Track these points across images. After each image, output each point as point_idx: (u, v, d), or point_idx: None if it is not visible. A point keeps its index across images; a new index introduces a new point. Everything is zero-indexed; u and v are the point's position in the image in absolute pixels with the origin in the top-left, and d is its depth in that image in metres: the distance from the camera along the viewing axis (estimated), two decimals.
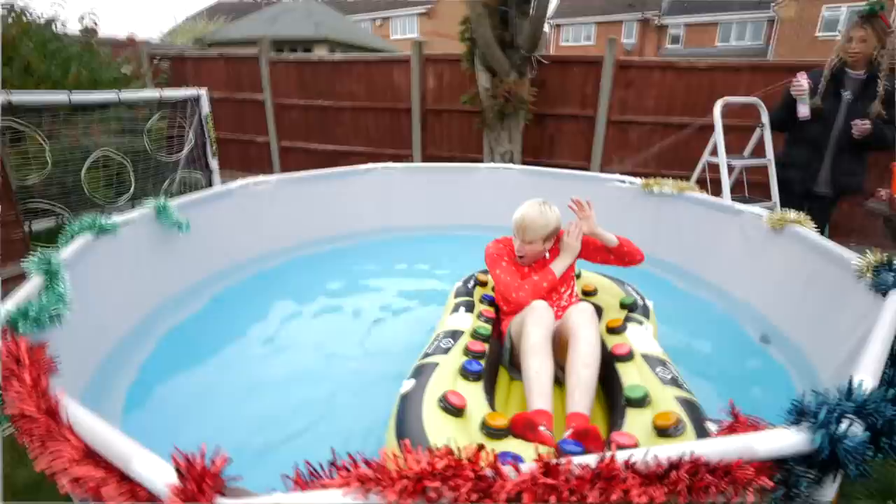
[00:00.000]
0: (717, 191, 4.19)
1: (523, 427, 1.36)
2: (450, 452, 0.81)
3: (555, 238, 2.10)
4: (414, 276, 3.49)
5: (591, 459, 0.81)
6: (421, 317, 2.82)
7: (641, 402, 1.47)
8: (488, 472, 0.79)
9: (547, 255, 2.13)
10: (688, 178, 4.30)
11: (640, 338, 1.87)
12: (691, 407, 1.43)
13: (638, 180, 3.75)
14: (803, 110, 3.41)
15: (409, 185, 4.34)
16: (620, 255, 2.11)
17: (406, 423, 1.32)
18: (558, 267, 2.06)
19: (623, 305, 2.22)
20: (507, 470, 0.79)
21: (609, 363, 1.75)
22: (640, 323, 2.00)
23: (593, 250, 2.16)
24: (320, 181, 4.00)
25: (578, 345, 1.63)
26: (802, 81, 3.38)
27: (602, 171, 5.85)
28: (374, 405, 1.89)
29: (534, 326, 1.69)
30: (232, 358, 2.39)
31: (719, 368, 2.35)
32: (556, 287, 2.06)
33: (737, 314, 2.86)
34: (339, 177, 4.11)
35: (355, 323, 2.76)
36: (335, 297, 3.13)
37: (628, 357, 1.73)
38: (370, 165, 4.26)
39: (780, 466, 0.88)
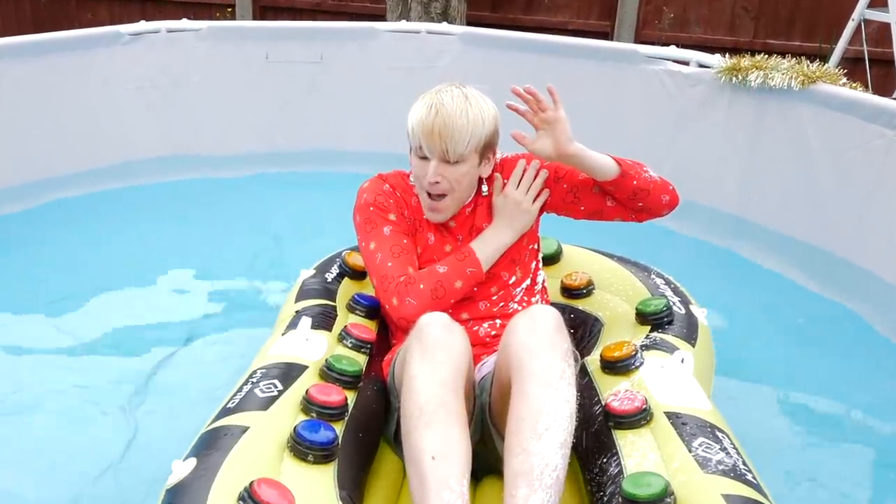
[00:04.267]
0: (886, 84, 4.08)
1: None
2: None
3: (492, 157, 2.07)
4: (228, 258, 3.51)
5: None
6: (237, 340, 2.87)
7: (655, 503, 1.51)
8: None
9: (485, 190, 2.11)
10: (822, 58, 4.04)
11: (669, 380, 1.88)
12: None
13: (716, 59, 3.57)
14: None
15: (226, 67, 4.14)
16: (628, 197, 2.04)
17: None
18: (490, 245, 2.05)
19: (644, 315, 2.23)
20: None
21: (601, 428, 1.80)
22: (672, 351, 2.00)
23: (570, 193, 2.11)
24: (35, 56, 3.79)
25: (525, 392, 1.64)
26: None
27: (639, 40, 5.68)
28: None
29: (422, 367, 1.68)
30: None
31: (870, 457, 2.42)
32: (484, 283, 2.08)
33: None
34: (76, 48, 3.89)
35: (108, 357, 2.79)
36: (67, 299, 3.12)
37: (638, 417, 1.75)
38: (141, 25, 4.00)
39: None
